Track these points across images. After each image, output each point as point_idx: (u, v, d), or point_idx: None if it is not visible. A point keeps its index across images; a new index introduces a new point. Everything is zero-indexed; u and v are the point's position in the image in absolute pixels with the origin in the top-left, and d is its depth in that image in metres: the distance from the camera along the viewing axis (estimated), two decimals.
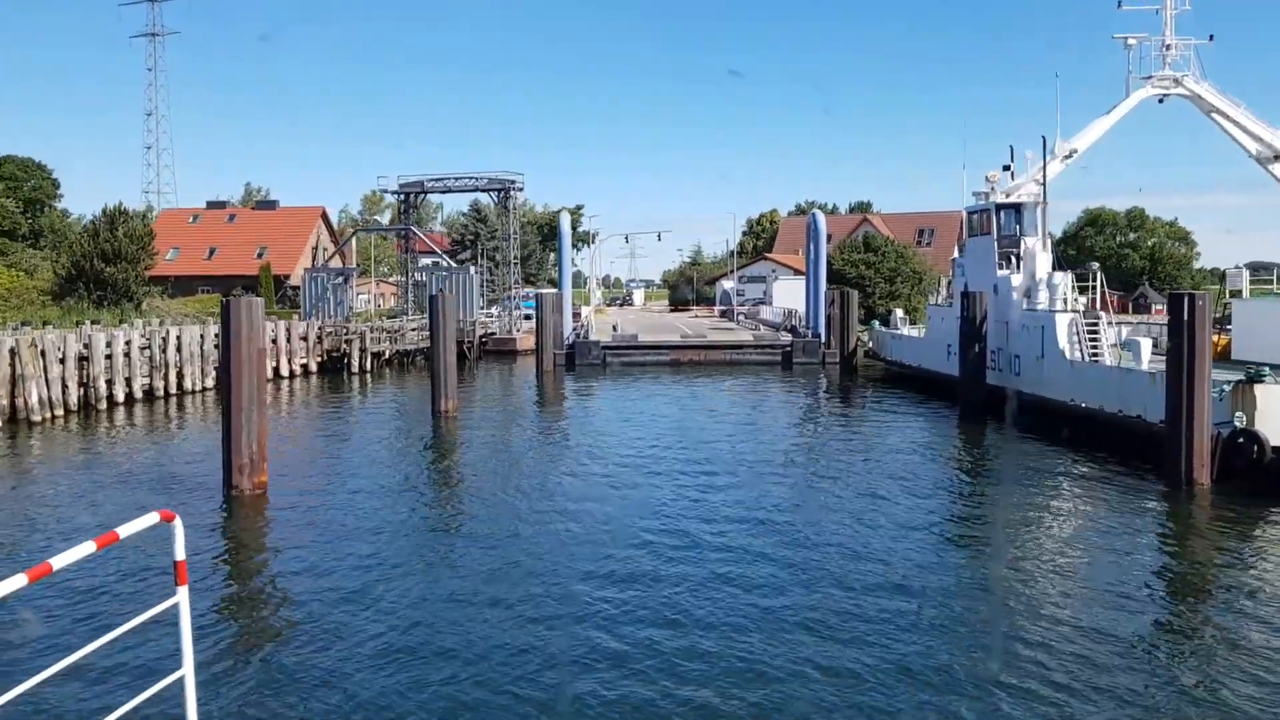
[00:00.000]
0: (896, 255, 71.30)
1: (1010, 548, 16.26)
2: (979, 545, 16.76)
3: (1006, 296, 31.44)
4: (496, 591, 13.49)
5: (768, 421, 31.48)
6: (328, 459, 25.64)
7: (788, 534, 16.72)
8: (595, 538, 16.32)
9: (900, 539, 16.42)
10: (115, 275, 62.05)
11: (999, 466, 23.91)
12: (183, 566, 4.27)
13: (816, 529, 17.10)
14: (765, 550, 15.64)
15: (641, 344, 51.43)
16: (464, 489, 21.56)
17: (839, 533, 16.81)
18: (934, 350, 37.34)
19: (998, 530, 17.62)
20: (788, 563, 14.96)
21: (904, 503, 19.33)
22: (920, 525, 17.53)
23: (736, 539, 16.33)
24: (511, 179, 61.96)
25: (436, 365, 30.45)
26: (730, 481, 21.12)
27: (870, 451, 25.72)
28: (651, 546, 15.73)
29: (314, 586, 13.84)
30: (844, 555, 15.35)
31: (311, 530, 17.19)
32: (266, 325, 43.44)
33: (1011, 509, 19.03)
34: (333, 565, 14.90)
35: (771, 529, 17.08)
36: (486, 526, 17.48)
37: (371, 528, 17.14)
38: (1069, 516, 18.64)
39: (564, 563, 14.88)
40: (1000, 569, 14.94)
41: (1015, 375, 30.55)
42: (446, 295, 31.81)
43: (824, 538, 16.47)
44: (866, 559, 15.17)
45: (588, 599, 13.10)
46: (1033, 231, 32.42)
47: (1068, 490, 20.71)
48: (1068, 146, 33.21)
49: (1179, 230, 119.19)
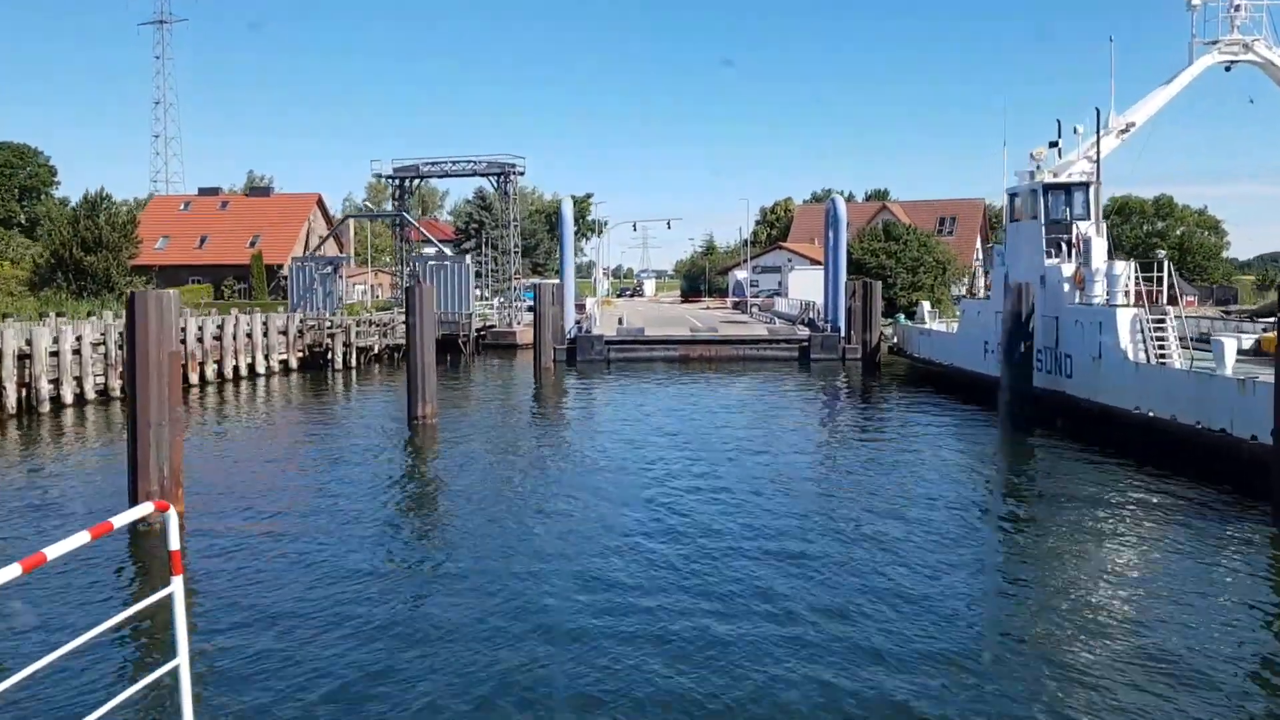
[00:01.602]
0: (919, 244, 67.62)
1: (1074, 597, 13.10)
2: (1035, 590, 13.51)
3: (1056, 288, 27.85)
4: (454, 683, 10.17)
5: (784, 430, 27.97)
6: (265, 480, 21.58)
7: (812, 569, 14.03)
8: (586, 590, 12.97)
9: (940, 577, 13.72)
10: (95, 265, 59.02)
11: (1055, 487, 20.34)
12: (177, 556, 4.37)
13: (846, 563, 14.35)
14: (788, 592, 12.99)
15: (648, 339, 47.96)
16: (425, 518, 18.15)
17: (869, 568, 14.11)
18: (968, 348, 33.76)
19: (1056, 572, 14.37)
20: (814, 604, 12.52)
21: (943, 531, 16.24)
22: (964, 563, 14.58)
23: (755, 581, 13.46)
24: (512, 162, 58.46)
25: (413, 365, 27.07)
26: (744, 508, 17.70)
27: (902, 466, 22.30)
28: (658, 599, 12.61)
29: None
30: (875, 596, 12.91)
31: (228, 581, 13.79)
32: (243, 319, 40.38)
33: (1073, 544, 15.71)
34: (249, 633, 11.59)
35: (795, 566, 14.17)
36: (452, 568, 14.22)
37: (299, 582, 13.74)
38: (1149, 559, 15.12)
39: (551, 619, 11.63)
40: (1063, 624, 11.94)
41: (1066, 378, 26.98)
42: (425, 286, 28.37)
43: (853, 573, 13.85)
44: (901, 602, 12.62)
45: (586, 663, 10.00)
46: (1085, 215, 28.80)
47: (1145, 524, 17.16)
48: (1123, 120, 29.56)
49: (1209, 219, 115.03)
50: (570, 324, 48.22)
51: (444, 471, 22.34)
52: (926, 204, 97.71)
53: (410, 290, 27.24)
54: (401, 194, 59.49)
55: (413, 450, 24.63)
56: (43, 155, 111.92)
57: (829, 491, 19.45)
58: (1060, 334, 27.44)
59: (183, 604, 4.30)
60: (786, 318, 59.65)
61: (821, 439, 26.85)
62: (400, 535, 16.52)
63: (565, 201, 50.94)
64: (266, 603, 12.73)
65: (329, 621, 11.95)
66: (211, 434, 27.86)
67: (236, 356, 39.30)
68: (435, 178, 60.24)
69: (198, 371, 36.99)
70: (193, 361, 36.68)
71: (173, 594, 4.31)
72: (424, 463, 23.42)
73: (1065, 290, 27.44)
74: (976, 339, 32.92)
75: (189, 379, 36.48)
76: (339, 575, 13.87)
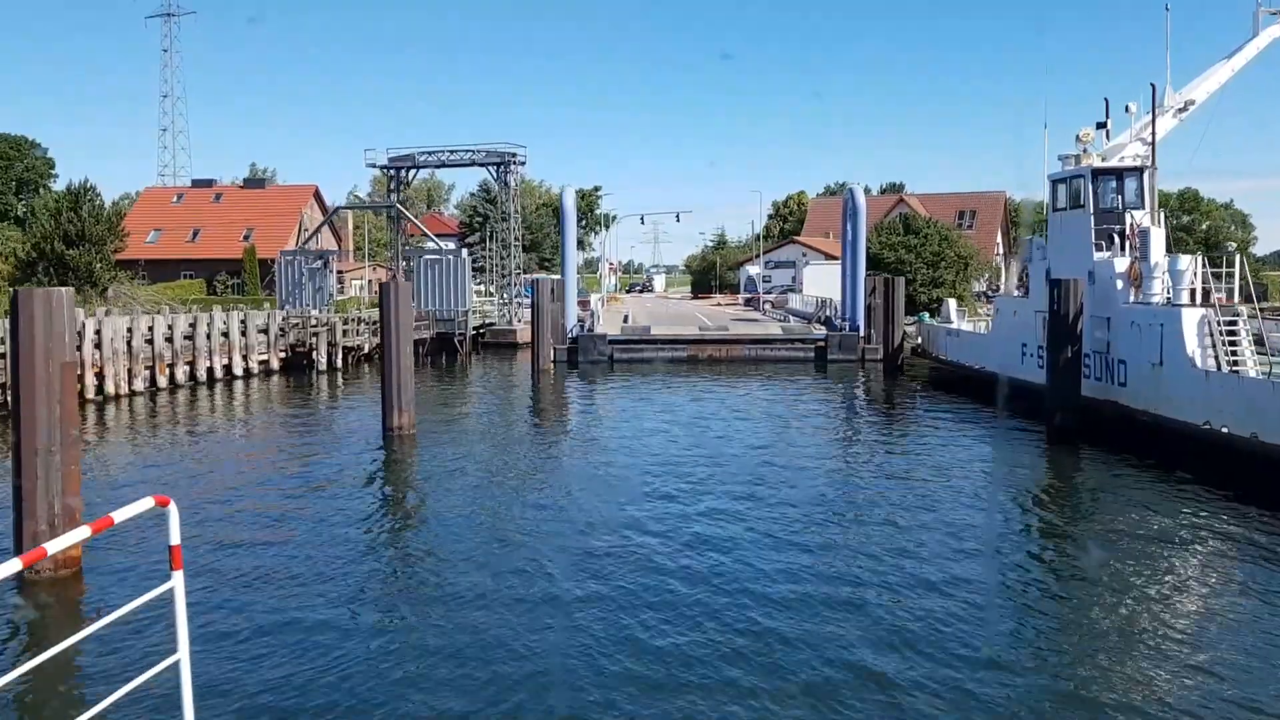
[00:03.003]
0: (940, 238, 64.55)
1: (1133, 650, 10.76)
2: (1087, 639, 11.00)
3: (1107, 285, 24.87)
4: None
5: (804, 444, 25.07)
6: (194, 508, 18.69)
7: (846, 621, 11.68)
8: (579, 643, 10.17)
9: (983, 630, 11.23)
10: (77, 259, 56.37)
11: (1109, 513, 17.46)
12: (177, 551, 4.36)
13: (880, 611, 11.88)
14: (812, 643, 10.99)
15: (654, 338, 45.06)
16: (381, 563, 15.30)
17: (903, 616, 11.83)
18: (1003, 350, 30.79)
19: (1112, 616, 11.89)
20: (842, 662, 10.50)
21: (984, 571, 13.78)
22: (1010, 608, 12.15)
23: (773, 627, 11.17)
24: (512, 151, 55.55)
25: (388, 370, 24.28)
26: (767, 543, 14.82)
27: (936, 484, 19.56)
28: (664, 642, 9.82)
29: None
30: (912, 651, 10.76)
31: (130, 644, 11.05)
32: (218, 317, 37.64)
33: (1135, 583, 13.10)
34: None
35: (819, 616, 11.73)
36: (414, 621, 11.53)
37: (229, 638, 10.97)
38: (1221, 603, 12.35)
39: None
40: (1119, 681, 9.85)
41: (1119, 386, 24.02)
42: (402, 281, 25.56)
43: (885, 623, 11.64)
44: (940, 661, 10.17)
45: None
46: (1139, 203, 25.83)
47: (1219, 561, 14.42)
48: (1181, 97, 26.56)
49: (1236, 213, 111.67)
50: (572, 322, 45.36)
51: (415, 497, 19.57)
52: (945, 197, 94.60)
53: (385, 286, 24.42)
54: (397, 185, 56.66)
55: (382, 470, 21.79)
56: (41, 147, 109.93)
57: (859, 518, 16.58)
58: (1113, 337, 24.48)
59: (183, 599, 4.29)
60: (801, 315, 56.67)
61: (845, 455, 23.91)
62: (347, 584, 13.69)
63: (567, 191, 48.00)
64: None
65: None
66: (146, 446, 25.01)
67: (211, 358, 36.56)
68: (432, 167, 57.33)
69: (166, 374, 34.26)
70: (160, 364, 33.96)
71: (173, 589, 4.31)
72: (393, 486, 20.63)
73: (1118, 288, 24.48)
74: (1013, 341, 29.96)
75: (156, 383, 33.81)
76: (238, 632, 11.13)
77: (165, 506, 4.22)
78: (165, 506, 4.22)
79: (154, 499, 4.21)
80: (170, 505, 4.25)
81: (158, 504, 4.21)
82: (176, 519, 4.29)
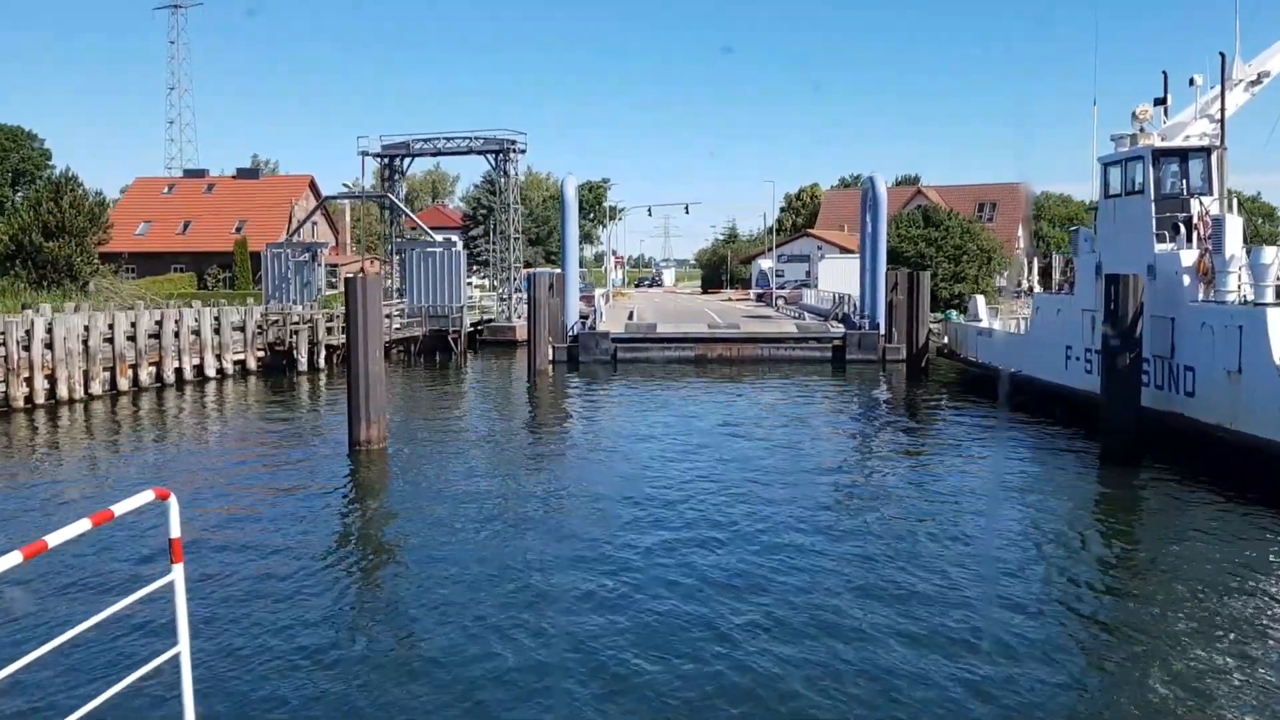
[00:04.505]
0: (962, 230, 61.56)
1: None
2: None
3: (1171, 281, 21.87)
4: None
5: (819, 455, 22.19)
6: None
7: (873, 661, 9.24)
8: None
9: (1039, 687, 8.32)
10: (56, 251, 53.74)
11: (1180, 549, 14.65)
12: (178, 544, 4.28)
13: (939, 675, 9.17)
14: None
15: (660, 336, 42.16)
16: (335, 607, 12.48)
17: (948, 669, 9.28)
18: (1043, 353, 27.80)
19: (1196, 688, 9.32)
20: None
21: (1032, 624, 11.16)
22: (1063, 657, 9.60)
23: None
24: (512, 139, 52.62)
25: (354, 378, 21.46)
26: (776, 583, 11.98)
27: (972, 506, 16.92)
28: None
29: None
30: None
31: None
32: (187, 313, 34.87)
33: (1213, 643, 10.50)
34: None
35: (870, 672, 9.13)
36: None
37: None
38: None
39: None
40: None
41: (1186, 396, 21.04)
42: (372, 275, 22.77)
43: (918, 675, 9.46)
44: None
45: None
46: (1206, 188, 22.82)
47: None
48: (1253, 69, 23.53)
49: (1264, 206, 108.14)
50: (573, 319, 42.49)
51: (377, 527, 16.75)
52: (964, 189, 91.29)
53: (350, 281, 21.57)
54: (391, 174, 53.81)
55: (343, 494, 18.98)
56: (38, 139, 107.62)
57: (890, 553, 13.71)
58: (1177, 340, 21.49)
59: (183, 592, 4.22)
60: (817, 312, 53.68)
61: (872, 473, 20.98)
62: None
63: (568, 181, 45.06)
64: None
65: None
66: (54, 460, 22.22)
67: (180, 357, 33.81)
68: (427, 155, 54.40)
69: (128, 376, 31.52)
70: (122, 365, 31.23)
71: (173, 581, 4.24)
72: (353, 514, 17.79)
73: (1185, 284, 21.48)
74: (1055, 343, 26.97)
75: (117, 386, 31.08)
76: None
77: (166, 499, 4.15)
78: (166, 499, 4.15)
79: (154, 491, 4.13)
80: (170, 498, 4.17)
81: (158, 497, 4.14)
82: (176, 512, 4.21)
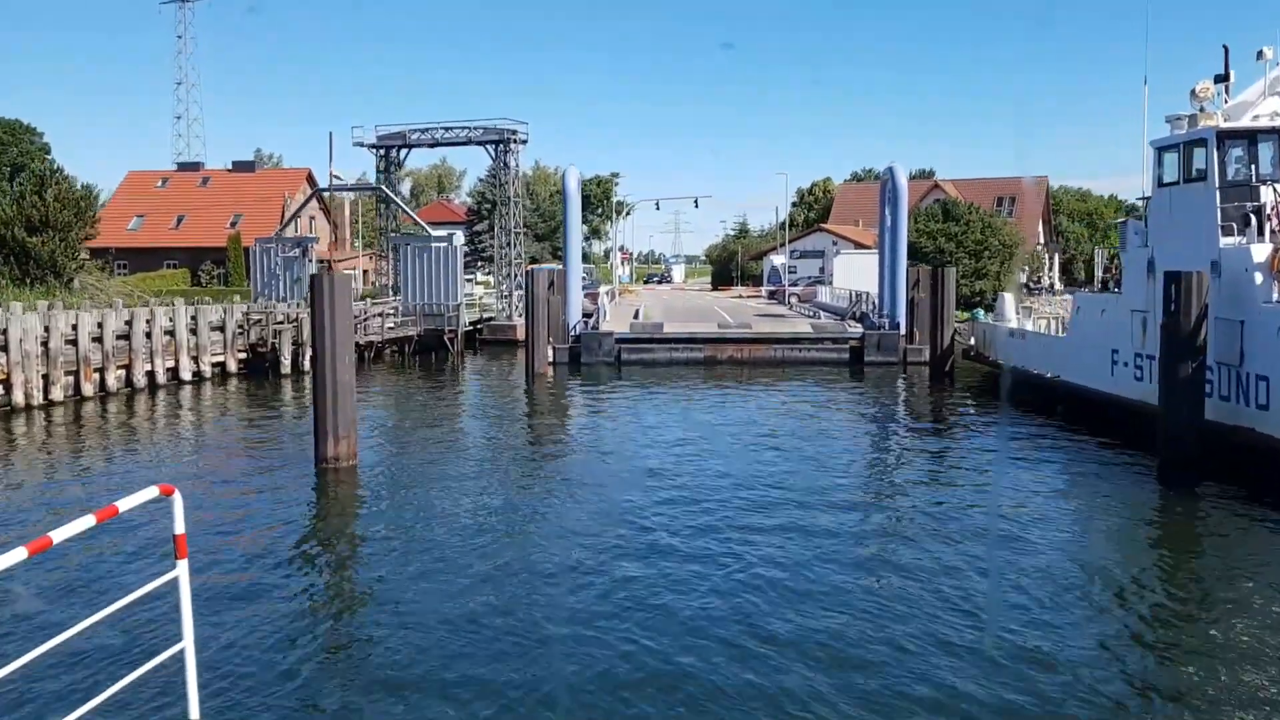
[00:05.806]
0: (983, 225, 59.01)
1: None
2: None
3: (1240, 280, 19.41)
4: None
5: (837, 468, 19.76)
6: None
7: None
8: None
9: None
10: (39, 246, 51.66)
11: (1253, 582, 12.31)
12: (182, 540, 4.36)
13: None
14: None
15: (667, 337, 39.80)
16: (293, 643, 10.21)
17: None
18: (1085, 357, 25.36)
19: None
20: None
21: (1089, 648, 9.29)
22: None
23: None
24: (512, 129, 50.29)
25: (320, 389, 19.14)
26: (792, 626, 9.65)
27: (1010, 529, 14.55)
28: None
29: None
30: None
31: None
32: (160, 313, 32.63)
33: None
34: None
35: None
36: None
37: None
38: None
39: None
40: None
41: (1259, 409, 18.58)
42: (340, 273, 20.46)
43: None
44: None
45: None
46: (1278, 174, 20.35)
47: None
48: None
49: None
50: (575, 317, 40.17)
51: (335, 564, 14.43)
52: (982, 182, 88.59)
53: (315, 278, 19.26)
54: (387, 166, 51.56)
55: (301, 522, 16.65)
56: (37, 133, 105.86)
57: (922, 585, 11.35)
58: (1247, 345, 19.03)
59: (188, 588, 4.28)
60: (833, 311, 51.19)
61: (893, 485, 18.55)
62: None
63: (570, 172, 42.65)
64: None
65: None
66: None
67: (152, 360, 31.59)
68: (425, 146, 52.10)
69: (94, 381, 29.30)
70: (87, 368, 29.00)
71: (178, 578, 4.30)
72: (312, 544, 15.46)
73: (1257, 282, 19.02)
74: (1099, 346, 24.53)
75: (81, 391, 28.87)
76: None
77: (170, 496, 4.22)
78: (170, 496, 4.22)
79: (159, 488, 4.22)
80: (175, 494, 4.22)
81: (162, 493, 4.23)
82: (181, 508, 4.26)
